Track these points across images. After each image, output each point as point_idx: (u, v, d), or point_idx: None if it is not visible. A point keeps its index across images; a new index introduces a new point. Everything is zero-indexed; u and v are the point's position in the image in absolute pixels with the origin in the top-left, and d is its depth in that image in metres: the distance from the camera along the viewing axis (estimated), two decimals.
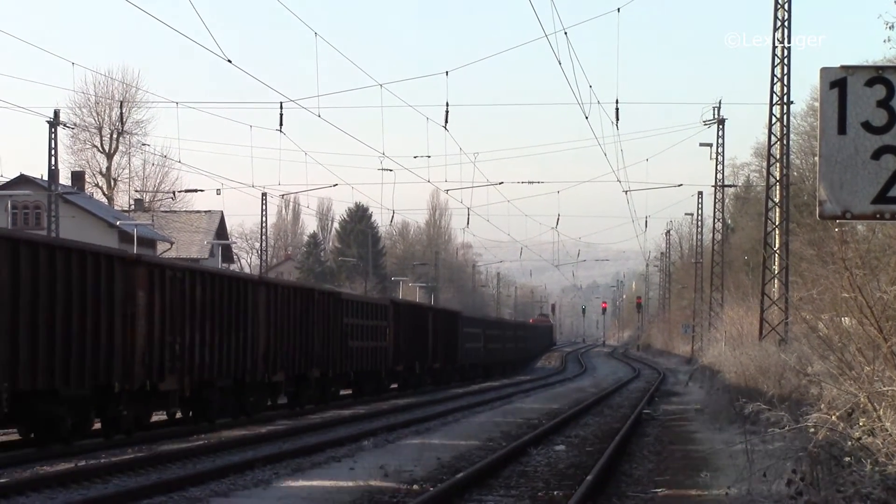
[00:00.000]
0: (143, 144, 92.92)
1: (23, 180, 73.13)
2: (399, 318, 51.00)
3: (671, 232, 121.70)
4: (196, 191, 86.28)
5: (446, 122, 40.19)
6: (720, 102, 68.89)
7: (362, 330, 44.60)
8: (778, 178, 40.26)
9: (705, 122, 66.51)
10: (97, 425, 25.65)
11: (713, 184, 70.75)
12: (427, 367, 56.65)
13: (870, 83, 7.48)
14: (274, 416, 34.70)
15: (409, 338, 52.63)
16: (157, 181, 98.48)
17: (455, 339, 63.66)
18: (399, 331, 50.64)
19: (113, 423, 25.68)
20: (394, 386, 52.17)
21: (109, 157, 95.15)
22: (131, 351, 25.30)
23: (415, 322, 54.22)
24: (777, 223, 40.29)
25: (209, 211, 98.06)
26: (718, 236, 74.03)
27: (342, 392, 44.25)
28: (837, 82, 7.49)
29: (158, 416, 30.20)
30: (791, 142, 42.41)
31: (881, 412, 13.28)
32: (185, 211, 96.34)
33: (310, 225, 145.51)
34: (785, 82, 38.84)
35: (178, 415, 30.05)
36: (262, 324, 33.28)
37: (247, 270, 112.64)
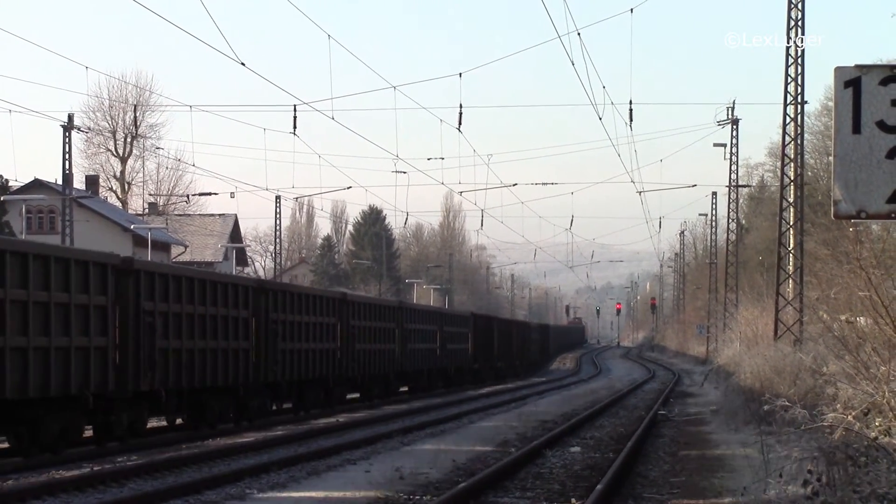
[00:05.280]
0: (157, 148, 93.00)
1: (37, 185, 73.37)
2: (538, 332, 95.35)
3: (685, 232, 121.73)
4: (210, 194, 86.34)
5: (460, 123, 40.18)
6: (734, 102, 68.53)
7: (533, 342, 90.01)
8: (792, 178, 40.17)
9: (719, 123, 66.41)
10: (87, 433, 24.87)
11: (727, 184, 70.65)
12: (539, 357, 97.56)
13: (884, 82, 7.45)
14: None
15: (539, 343, 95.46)
16: (171, 185, 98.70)
17: (548, 341, 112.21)
18: (537, 339, 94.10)
19: (105, 429, 24.78)
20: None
21: (123, 160, 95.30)
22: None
23: (541, 334, 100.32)
24: (791, 223, 40.20)
25: (223, 214, 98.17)
26: (733, 237, 73.91)
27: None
28: (852, 81, 7.46)
29: (157, 423, 30.14)
30: (805, 141, 42.31)
31: None
32: (199, 214, 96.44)
33: (324, 227, 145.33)
34: (799, 82, 38.76)
35: (179, 420, 29.86)
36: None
37: (261, 273, 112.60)
